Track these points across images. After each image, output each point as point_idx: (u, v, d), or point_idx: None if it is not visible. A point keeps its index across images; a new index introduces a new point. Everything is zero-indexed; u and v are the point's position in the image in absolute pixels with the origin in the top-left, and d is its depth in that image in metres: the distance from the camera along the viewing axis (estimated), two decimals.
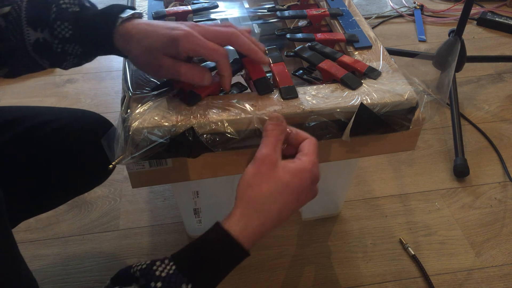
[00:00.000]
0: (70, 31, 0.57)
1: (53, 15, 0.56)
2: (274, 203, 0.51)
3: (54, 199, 0.79)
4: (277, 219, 0.52)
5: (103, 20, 0.57)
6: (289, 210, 0.53)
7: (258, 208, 0.51)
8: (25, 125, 0.71)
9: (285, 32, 0.79)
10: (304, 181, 0.53)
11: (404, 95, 0.63)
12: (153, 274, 0.46)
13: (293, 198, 0.52)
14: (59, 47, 0.58)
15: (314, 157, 0.54)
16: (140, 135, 0.57)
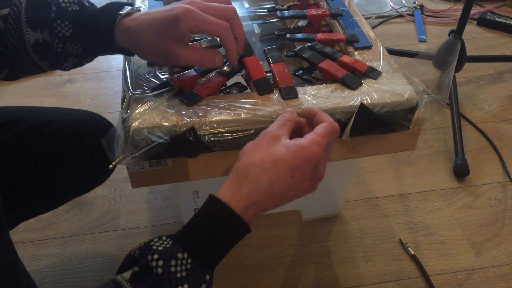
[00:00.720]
0: (70, 30, 0.56)
1: (53, 14, 0.56)
2: (264, 171, 0.50)
3: (54, 200, 0.79)
4: (269, 191, 0.50)
5: (103, 18, 0.56)
6: (282, 185, 0.50)
7: (247, 175, 0.50)
8: (25, 126, 0.71)
9: (285, 32, 0.79)
10: (300, 157, 0.50)
11: (404, 95, 0.63)
12: (150, 249, 0.46)
13: (287, 172, 0.50)
14: (60, 47, 0.57)
15: (319, 138, 0.52)
16: (140, 135, 0.57)
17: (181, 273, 0.44)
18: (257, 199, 0.49)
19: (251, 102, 0.61)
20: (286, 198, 0.52)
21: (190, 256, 0.45)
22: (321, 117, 0.56)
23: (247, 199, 0.49)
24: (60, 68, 0.61)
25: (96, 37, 0.57)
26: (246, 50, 0.69)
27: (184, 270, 0.45)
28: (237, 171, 0.51)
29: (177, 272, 0.44)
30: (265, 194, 0.49)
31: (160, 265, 0.44)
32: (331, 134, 0.54)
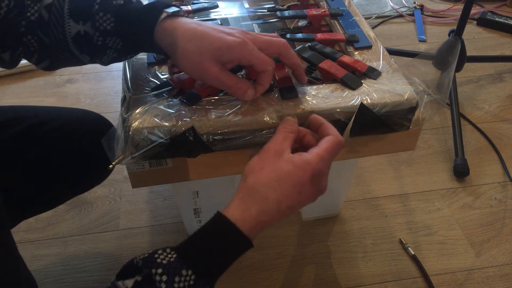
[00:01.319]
0: (112, 24, 0.55)
1: (96, 7, 0.55)
2: (274, 191, 0.50)
3: (54, 198, 0.79)
4: (277, 210, 0.50)
5: (146, 14, 0.55)
6: (289, 202, 0.51)
7: (256, 195, 0.50)
8: (25, 124, 0.71)
9: (285, 32, 0.79)
10: (307, 174, 0.51)
11: (404, 95, 0.63)
12: (154, 261, 0.46)
13: (293, 189, 0.51)
14: (100, 40, 0.56)
15: (324, 153, 0.53)
16: (140, 135, 0.57)
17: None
18: (265, 218, 0.50)
19: (251, 102, 0.61)
20: (292, 211, 0.53)
21: (194, 273, 0.46)
22: (327, 129, 0.56)
23: (254, 220, 0.49)
24: (100, 62, 0.60)
25: (137, 33, 0.56)
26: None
27: (187, 286, 0.45)
28: (244, 189, 0.51)
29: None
30: (272, 213, 0.50)
31: (164, 280, 0.45)
32: (337, 149, 0.54)
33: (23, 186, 0.70)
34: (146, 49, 0.61)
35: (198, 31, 0.54)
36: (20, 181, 0.70)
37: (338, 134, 0.55)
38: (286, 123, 0.57)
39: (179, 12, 0.56)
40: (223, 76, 0.55)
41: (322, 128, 0.56)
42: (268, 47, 0.57)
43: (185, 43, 0.54)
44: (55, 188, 0.74)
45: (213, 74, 0.55)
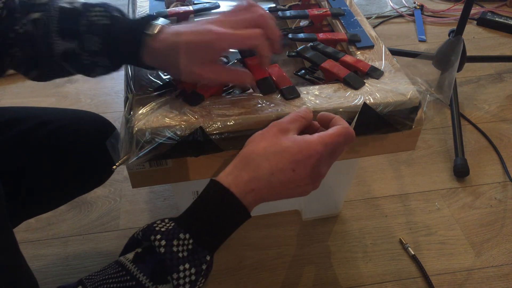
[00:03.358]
0: (100, 45, 0.56)
1: (84, 28, 0.55)
2: (266, 161, 0.50)
3: (55, 199, 0.79)
4: (268, 180, 0.50)
5: (130, 36, 0.56)
6: (282, 176, 0.50)
7: (251, 163, 0.51)
8: (25, 126, 0.71)
9: (286, 32, 0.79)
10: (303, 153, 0.51)
11: (407, 95, 0.63)
12: (153, 230, 0.47)
13: (288, 165, 0.50)
14: (88, 60, 0.57)
15: (327, 138, 0.52)
16: (143, 136, 0.57)
17: (182, 253, 0.46)
18: (256, 186, 0.50)
19: (255, 102, 0.61)
20: (284, 191, 0.52)
21: (192, 237, 0.47)
22: (337, 121, 0.56)
23: (246, 185, 0.50)
24: (88, 76, 0.61)
25: (124, 55, 0.58)
26: (247, 50, 0.69)
27: (186, 250, 0.46)
28: (240, 157, 0.52)
29: (179, 252, 0.45)
30: (264, 183, 0.50)
31: (163, 244, 0.45)
32: (343, 137, 0.53)
33: (25, 187, 0.70)
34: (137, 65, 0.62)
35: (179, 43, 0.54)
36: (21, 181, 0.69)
37: (347, 125, 0.55)
38: (302, 109, 0.58)
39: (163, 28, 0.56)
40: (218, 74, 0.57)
41: (333, 121, 0.56)
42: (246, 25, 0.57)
43: (170, 59, 0.55)
44: (56, 189, 0.74)
45: (209, 77, 0.56)
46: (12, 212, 0.56)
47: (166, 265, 0.45)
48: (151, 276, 0.45)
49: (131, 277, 0.45)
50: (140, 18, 0.58)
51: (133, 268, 0.45)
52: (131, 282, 0.45)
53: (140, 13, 0.81)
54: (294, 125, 0.54)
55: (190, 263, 0.46)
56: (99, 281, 0.45)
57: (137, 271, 0.45)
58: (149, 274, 0.45)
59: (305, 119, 0.56)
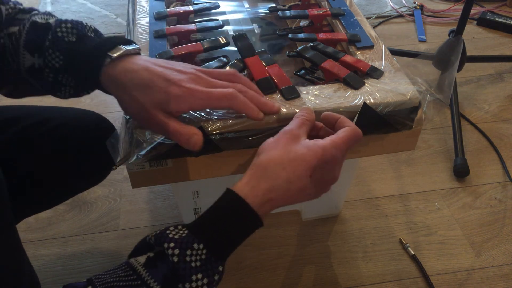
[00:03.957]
0: (61, 62, 0.54)
1: (47, 43, 0.54)
2: (283, 170, 0.50)
3: (54, 197, 0.79)
4: (286, 188, 0.50)
5: (93, 57, 0.53)
6: (299, 183, 0.50)
7: (267, 172, 0.50)
8: (25, 123, 0.71)
9: (286, 32, 0.79)
10: (319, 158, 0.51)
11: (407, 95, 0.63)
12: (166, 237, 0.46)
13: (305, 171, 0.50)
14: (50, 76, 0.55)
15: (340, 142, 0.52)
16: (143, 136, 0.57)
17: (195, 263, 0.45)
18: (274, 196, 0.50)
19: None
20: (300, 197, 0.52)
21: (206, 247, 0.46)
22: (344, 122, 0.56)
23: (264, 196, 0.49)
24: (56, 96, 0.59)
25: (85, 74, 0.55)
26: (248, 50, 0.69)
27: (199, 260, 0.46)
28: (256, 166, 0.51)
29: (192, 261, 0.45)
30: (282, 191, 0.50)
31: (176, 253, 0.45)
32: (353, 139, 0.54)
33: (24, 184, 0.70)
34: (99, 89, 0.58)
35: (143, 79, 0.52)
36: (20, 179, 0.69)
37: (355, 125, 0.55)
38: (304, 111, 0.57)
39: (128, 51, 0.54)
40: (166, 124, 0.52)
41: (339, 122, 0.56)
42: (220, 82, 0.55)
43: (130, 91, 0.52)
44: (55, 187, 0.74)
45: (156, 122, 0.52)
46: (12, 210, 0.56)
47: (178, 274, 0.45)
48: (162, 282, 0.45)
49: (142, 281, 0.45)
50: (106, 39, 0.55)
51: (144, 272, 0.45)
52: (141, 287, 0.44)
53: (140, 13, 0.81)
54: (303, 129, 0.54)
55: (203, 273, 0.46)
56: (109, 282, 0.45)
57: (148, 276, 0.45)
58: (160, 280, 0.45)
59: (310, 121, 0.56)
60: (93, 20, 1.74)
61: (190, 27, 0.76)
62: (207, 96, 0.52)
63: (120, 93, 0.53)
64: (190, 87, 0.52)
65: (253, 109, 0.56)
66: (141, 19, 0.79)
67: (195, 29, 0.76)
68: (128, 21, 0.81)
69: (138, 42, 0.74)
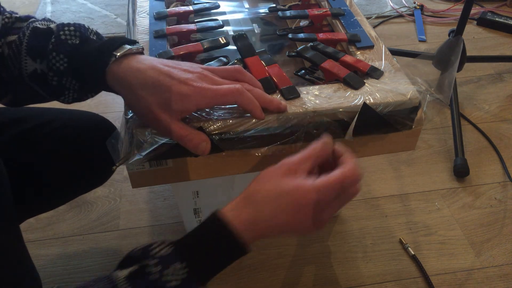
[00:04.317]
0: (65, 64, 0.54)
1: (50, 46, 0.54)
2: (267, 204, 0.49)
3: (55, 199, 0.79)
4: (269, 223, 0.50)
5: (97, 57, 0.53)
6: (283, 220, 0.50)
7: (252, 203, 0.50)
8: (27, 125, 0.71)
9: (286, 32, 0.79)
10: (308, 199, 0.49)
11: (407, 95, 0.62)
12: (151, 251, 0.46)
13: (290, 208, 0.49)
14: (55, 80, 0.55)
15: (333, 183, 0.50)
16: (144, 136, 0.57)
17: (175, 282, 0.45)
18: (257, 227, 0.49)
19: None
20: (284, 231, 0.51)
21: (187, 266, 0.46)
22: (343, 161, 0.53)
23: (246, 224, 0.49)
24: (59, 101, 0.59)
25: (90, 76, 0.55)
26: (248, 50, 0.69)
27: (180, 279, 0.45)
28: (244, 194, 0.51)
29: (171, 280, 0.45)
30: (265, 223, 0.49)
31: (158, 270, 0.45)
32: (348, 180, 0.51)
33: (25, 186, 0.70)
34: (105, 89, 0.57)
35: (150, 78, 0.51)
36: (21, 181, 0.69)
37: (352, 166, 0.52)
38: (320, 143, 0.54)
39: (131, 50, 0.54)
40: (173, 126, 0.52)
41: (339, 160, 0.54)
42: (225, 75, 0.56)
43: (136, 90, 0.52)
44: (56, 189, 0.74)
45: (163, 123, 0.52)
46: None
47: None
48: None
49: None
50: (110, 40, 0.55)
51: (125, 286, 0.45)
52: None
53: (140, 13, 0.81)
54: (305, 165, 0.52)
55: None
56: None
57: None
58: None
59: (320, 157, 0.54)
60: (93, 20, 1.74)
61: (190, 27, 0.76)
62: (214, 94, 0.52)
63: (126, 92, 0.53)
64: (198, 86, 0.52)
65: (258, 108, 0.56)
66: (141, 19, 0.79)
67: (195, 29, 0.76)
68: (128, 21, 0.81)
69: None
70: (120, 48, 0.53)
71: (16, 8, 1.79)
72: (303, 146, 0.62)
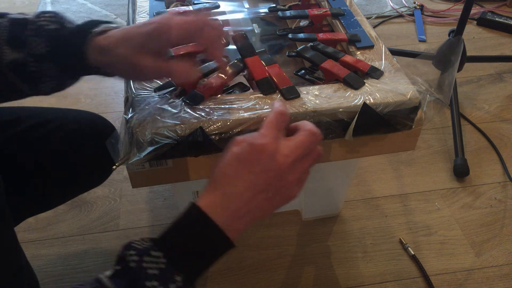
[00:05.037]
0: (46, 48, 0.55)
1: (31, 32, 0.55)
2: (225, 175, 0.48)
3: (54, 199, 0.79)
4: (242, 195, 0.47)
5: (76, 36, 0.55)
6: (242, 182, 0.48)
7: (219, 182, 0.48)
8: (26, 124, 0.71)
9: (286, 32, 0.79)
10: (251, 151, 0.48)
11: (407, 95, 0.63)
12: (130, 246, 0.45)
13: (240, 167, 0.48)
14: (34, 66, 0.56)
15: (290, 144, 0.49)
16: (143, 136, 0.57)
17: (153, 270, 0.44)
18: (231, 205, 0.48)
19: (255, 102, 0.61)
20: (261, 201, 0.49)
21: (165, 256, 0.45)
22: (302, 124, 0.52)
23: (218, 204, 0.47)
24: (39, 91, 0.59)
25: (70, 56, 0.56)
26: (247, 50, 0.69)
27: (157, 268, 0.44)
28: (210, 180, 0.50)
29: (149, 268, 0.44)
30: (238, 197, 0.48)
31: (135, 260, 0.44)
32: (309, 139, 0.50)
33: (24, 185, 0.70)
34: (83, 73, 0.59)
35: (121, 35, 0.54)
36: (21, 180, 0.69)
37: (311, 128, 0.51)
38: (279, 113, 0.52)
39: (108, 27, 0.56)
40: (157, 63, 0.54)
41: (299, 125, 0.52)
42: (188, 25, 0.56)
43: (112, 52, 0.54)
44: (55, 188, 0.74)
45: (147, 66, 0.54)
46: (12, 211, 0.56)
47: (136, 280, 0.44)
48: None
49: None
50: (87, 21, 0.57)
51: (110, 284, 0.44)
52: None
53: (140, 13, 0.81)
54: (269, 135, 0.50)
55: (159, 281, 0.44)
56: None
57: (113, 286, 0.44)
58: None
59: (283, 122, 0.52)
60: None
61: None
62: (183, 21, 0.53)
63: (107, 59, 0.55)
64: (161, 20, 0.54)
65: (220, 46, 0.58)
66: (141, 19, 0.79)
67: None
68: (128, 21, 0.81)
69: None
70: (98, 26, 0.56)
71: (16, 8, 1.79)
72: None
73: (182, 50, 0.70)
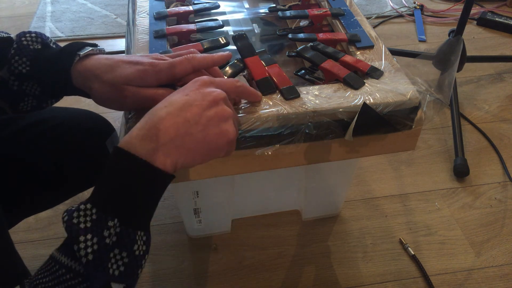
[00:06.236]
0: (27, 68, 0.55)
1: (12, 51, 0.55)
2: (154, 113, 0.48)
3: (54, 197, 0.79)
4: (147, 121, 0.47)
5: (61, 58, 0.56)
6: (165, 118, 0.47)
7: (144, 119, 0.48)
8: (24, 123, 0.71)
9: (286, 32, 0.79)
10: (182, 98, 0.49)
11: (407, 95, 0.63)
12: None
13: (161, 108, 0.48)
14: (16, 84, 0.56)
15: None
16: None
17: (85, 224, 0.43)
18: (146, 136, 0.46)
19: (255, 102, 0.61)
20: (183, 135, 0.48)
21: (94, 206, 0.44)
22: None
23: (139, 138, 0.46)
24: (18, 110, 0.59)
25: (53, 76, 0.56)
26: (247, 50, 0.69)
27: (89, 221, 0.43)
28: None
29: (80, 223, 0.43)
30: (150, 128, 0.47)
31: (65, 220, 0.44)
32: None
33: (24, 184, 0.70)
34: (65, 93, 0.60)
35: (109, 64, 0.55)
36: (21, 179, 0.69)
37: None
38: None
39: (93, 51, 0.57)
40: (141, 91, 0.54)
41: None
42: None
43: (97, 78, 0.54)
44: (54, 187, 0.74)
45: (131, 95, 0.54)
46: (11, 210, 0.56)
47: (71, 238, 0.43)
48: (70, 256, 0.43)
49: (59, 264, 0.44)
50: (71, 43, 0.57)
51: (58, 254, 0.44)
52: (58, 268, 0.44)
53: (140, 13, 0.81)
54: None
55: (92, 233, 0.43)
56: (36, 279, 0.44)
57: (61, 255, 0.44)
58: (69, 255, 0.44)
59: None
60: (93, 20, 1.74)
61: (190, 27, 0.76)
62: (170, 65, 0.55)
63: (90, 84, 0.55)
64: (153, 62, 0.55)
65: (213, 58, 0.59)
66: (141, 19, 0.79)
67: (195, 29, 0.76)
68: (128, 21, 0.81)
69: (138, 42, 0.74)
70: (83, 49, 0.56)
71: (16, 8, 1.79)
72: (303, 146, 0.63)
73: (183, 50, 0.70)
